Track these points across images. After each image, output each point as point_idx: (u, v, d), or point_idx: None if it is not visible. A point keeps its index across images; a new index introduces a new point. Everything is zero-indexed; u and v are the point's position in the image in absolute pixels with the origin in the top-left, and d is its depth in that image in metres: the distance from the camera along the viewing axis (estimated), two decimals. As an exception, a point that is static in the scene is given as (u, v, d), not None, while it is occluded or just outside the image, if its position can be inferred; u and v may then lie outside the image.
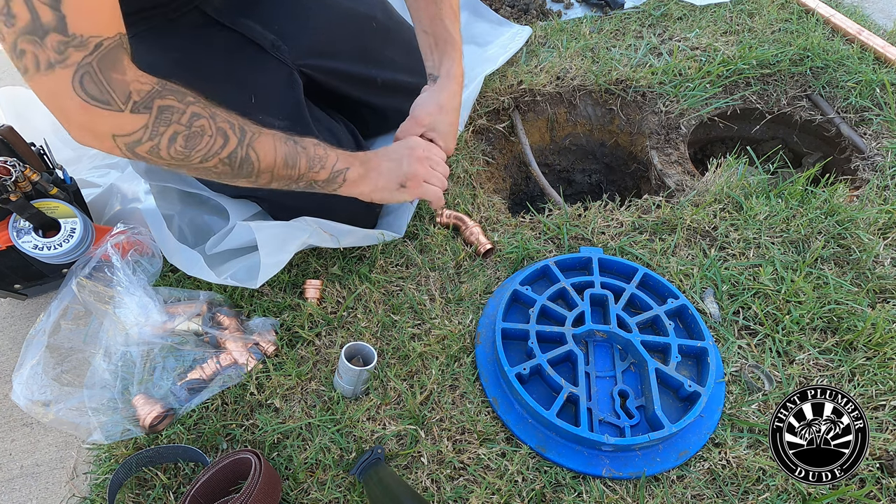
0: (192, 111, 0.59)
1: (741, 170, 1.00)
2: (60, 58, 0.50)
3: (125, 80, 0.54)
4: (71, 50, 0.50)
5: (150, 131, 0.56)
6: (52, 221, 0.82)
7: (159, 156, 0.59)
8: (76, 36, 0.49)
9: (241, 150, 0.63)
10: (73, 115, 0.53)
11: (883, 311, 0.78)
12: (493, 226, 0.94)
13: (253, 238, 0.79)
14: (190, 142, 0.59)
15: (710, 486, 0.65)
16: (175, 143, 0.58)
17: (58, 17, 0.48)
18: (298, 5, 0.88)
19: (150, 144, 0.57)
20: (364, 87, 0.96)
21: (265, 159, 0.66)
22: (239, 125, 0.63)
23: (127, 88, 0.54)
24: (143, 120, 0.56)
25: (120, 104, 0.54)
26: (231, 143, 0.62)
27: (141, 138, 0.56)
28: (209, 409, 0.73)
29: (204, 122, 0.60)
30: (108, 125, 0.54)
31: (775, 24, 1.27)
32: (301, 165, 0.70)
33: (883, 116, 1.07)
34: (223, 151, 0.62)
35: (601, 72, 1.19)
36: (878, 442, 0.67)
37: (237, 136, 0.63)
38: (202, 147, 0.60)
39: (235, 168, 0.64)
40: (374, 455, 0.65)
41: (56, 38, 0.49)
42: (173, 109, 0.57)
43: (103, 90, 0.52)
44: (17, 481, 0.77)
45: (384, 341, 0.79)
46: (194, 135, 0.59)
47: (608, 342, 0.77)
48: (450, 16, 0.83)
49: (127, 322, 0.76)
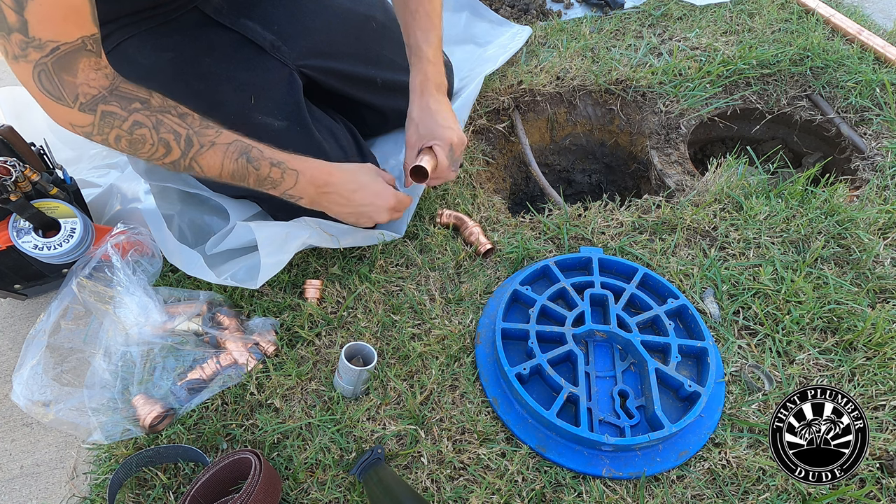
0: (133, 119, 0.63)
1: (741, 170, 1.00)
2: (23, 54, 0.57)
3: (75, 82, 0.60)
4: (31, 49, 0.57)
5: (98, 129, 0.63)
6: (52, 221, 0.82)
7: (110, 146, 0.65)
8: (35, 38, 0.56)
9: (184, 161, 0.68)
10: (38, 100, 0.61)
11: (883, 311, 0.78)
12: (493, 226, 0.94)
13: (253, 238, 0.79)
14: (132, 145, 0.65)
15: (710, 486, 0.65)
16: (120, 143, 0.65)
17: (21, 20, 0.55)
18: (298, 6, 0.88)
19: (100, 138, 0.64)
20: (364, 87, 0.96)
21: (210, 171, 0.70)
22: (187, 135, 0.67)
23: (75, 90, 0.60)
24: (90, 119, 0.62)
25: (69, 102, 0.60)
26: (173, 154, 0.67)
27: (91, 132, 0.63)
28: (209, 409, 0.73)
29: (144, 132, 0.64)
30: (63, 116, 0.62)
31: (775, 24, 1.27)
32: (249, 182, 0.73)
33: (883, 116, 1.07)
34: (165, 159, 0.67)
35: (601, 72, 1.19)
36: (878, 442, 0.67)
37: (181, 149, 0.67)
38: (145, 151, 0.66)
39: (180, 170, 0.69)
40: (374, 455, 0.65)
41: (18, 37, 0.56)
42: (115, 115, 0.63)
43: (56, 88, 0.59)
44: (17, 481, 0.77)
45: (384, 341, 0.79)
46: (135, 141, 0.65)
47: (608, 342, 0.77)
48: (423, 26, 0.84)
49: (127, 322, 0.76)
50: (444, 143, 0.84)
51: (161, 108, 0.65)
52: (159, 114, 0.65)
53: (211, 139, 0.68)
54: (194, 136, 0.67)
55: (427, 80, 0.86)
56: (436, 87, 0.86)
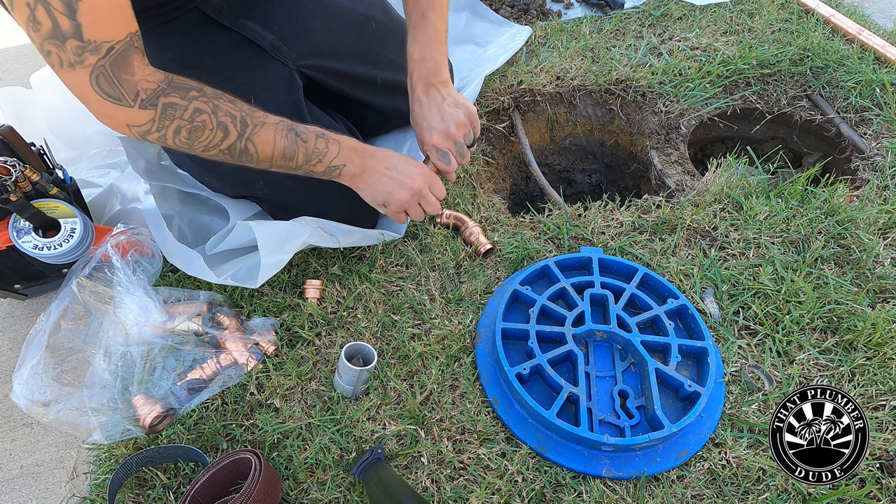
0: (194, 107, 0.64)
1: (741, 170, 1.00)
2: (79, 59, 0.57)
3: (134, 80, 0.60)
4: (87, 54, 0.57)
5: (157, 124, 0.63)
6: (52, 221, 0.82)
7: (167, 143, 0.66)
8: (90, 41, 0.56)
9: (241, 143, 0.68)
10: (94, 106, 0.61)
11: (883, 311, 0.78)
12: (493, 226, 0.94)
13: (253, 238, 0.79)
14: (192, 135, 0.65)
15: (710, 486, 0.65)
16: (179, 135, 0.65)
17: (74, 25, 0.55)
18: (298, 6, 0.88)
19: (157, 134, 0.64)
20: (364, 87, 0.96)
21: (263, 152, 0.70)
22: (241, 117, 0.68)
23: (135, 88, 0.60)
24: (151, 115, 0.62)
25: (130, 101, 0.60)
26: (231, 137, 0.67)
27: (150, 129, 0.63)
28: (209, 409, 0.73)
29: (205, 118, 0.65)
30: (122, 117, 0.62)
31: (775, 24, 1.27)
32: (299, 158, 0.73)
33: (883, 116, 1.07)
34: (223, 144, 0.67)
35: (601, 72, 1.18)
36: (878, 442, 0.67)
37: (237, 130, 0.68)
38: (203, 139, 0.66)
39: (235, 157, 0.70)
40: (374, 455, 0.65)
41: (74, 43, 0.56)
42: (176, 106, 0.63)
43: (115, 89, 0.59)
44: (17, 481, 0.77)
45: (384, 341, 0.79)
46: (196, 129, 0.65)
47: (608, 342, 0.77)
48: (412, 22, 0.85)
49: (127, 322, 0.76)
50: (430, 147, 0.83)
51: (214, 94, 0.66)
52: (215, 99, 0.66)
53: (261, 119, 0.69)
54: (247, 117, 0.68)
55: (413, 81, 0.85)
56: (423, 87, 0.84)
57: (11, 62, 1.62)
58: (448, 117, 0.82)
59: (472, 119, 0.85)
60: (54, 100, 1.12)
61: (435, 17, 0.84)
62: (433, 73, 0.84)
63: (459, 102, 0.84)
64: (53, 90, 1.13)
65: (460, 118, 0.83)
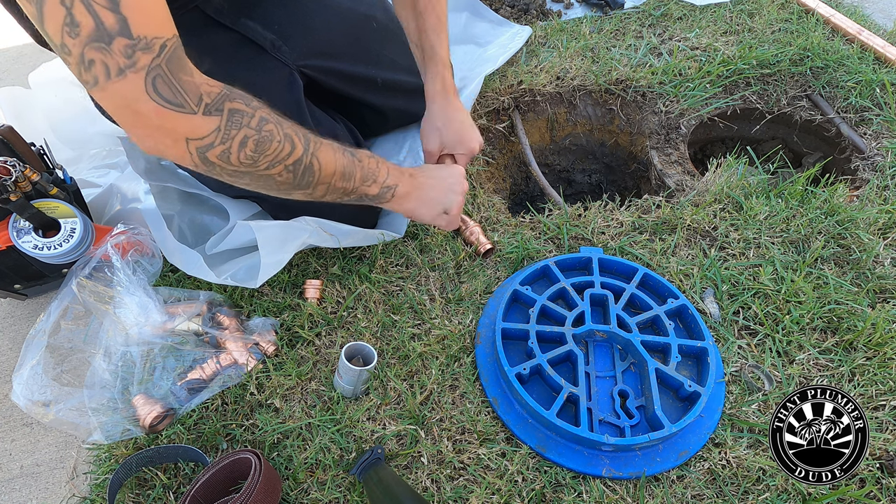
0: (260, 115, 0.58)
1: (741, 170, 1.00)
2: (130, 62, 0.48)
3: (195, 81, 0.53)
4: (139, 53, 0.48)
5: (223, 135, 0.55)
6: (52, 221, 0.82)
7: (229, 161, 0.58)
8: (141, 38, 0.48)
9: (306, 158, 0.63)
10: (150, 119, 0.51)
11: (883, 311, 0.78)
12: (493, 226, 0.94)
13: (253, 238, 0.79)
14: (259, 146, 0.58)
15: (710, 486, 0.65)
16: (245, 148, 0.57)
17: (120, 19, 0.47)
18: (299, 6, 0.88)
19: (221, 148, 0.56)
20: (364, 87, 0.96)
21: (326, 169, 0.65)
22: (303, 133, 0.63)
23: (198, 90, 0.53)
24: (216, 122, 0.55)
25: (193, 106, 0.53)
26: (297, 150, 0.62)
27: (213, 142, 0.55)
28: (209, 409, 0.73)
29: (272, 127, 0.59)
30: (183, 128, 0.53)
31: (775, 24, 1.27)
32: (356, 178, 0.70)
33: (883, 116, 1.07)
34: (289, 158, 0.61)
35: (601, 72, 1.18)
36: (878, 442, 0.67)
37: (303, 144, 0.62)
38: (270, 153, 0.59)
39: (298, 176, 0.63)
40: (374, 455, 0.65)
41: (122, 42, 0.47)
42: (243, 113, 0.57)
43: (176, 92, 0.51)
44: (17, 481, 0.77)
45: (384, 341, 0.79)
46: (264, 139, 0.58)
47: (608, 342, 0.77)
48: (435, 28, 0.84)
49: (127, 322, 0.76)
50: (468, 153, 0.87)
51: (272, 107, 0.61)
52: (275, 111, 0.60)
53: (318, 137, 0.65)
54: (308, 132, 0.63)
55: (446, 85, 0.87)
56: (454, 92, 0.87)
57: (11, 62, 1.62)
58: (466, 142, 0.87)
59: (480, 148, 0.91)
60: (54, 100, 1.12)
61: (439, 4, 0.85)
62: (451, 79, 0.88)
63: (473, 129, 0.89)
64: (53, 90, 1.13)
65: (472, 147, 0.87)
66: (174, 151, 0.55)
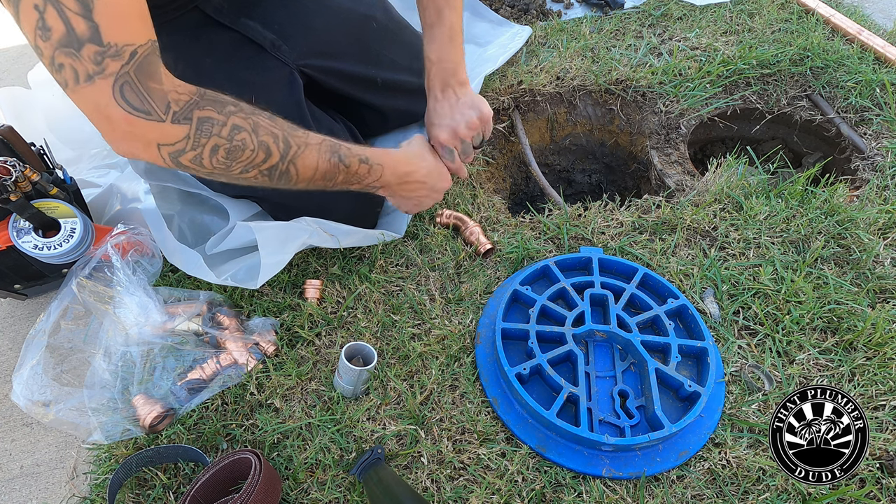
0: (232, 123, 0.58)
1: (741, 170, 1.00)
2: (98, 69, 0.49)
3: (163, 89, 0.53)
4: (108, 60, 0.49)
5: (192, 142, 0.56)
6: (52, 221, 0.82)
7: (202, 165, 0.58)
8: (111, 45, 0.48)
9: (282, 165, 0.63)
10: (120, 125, 0.52)
11: (883, 311, 0.78)
12: (493, 226, 0.94)
13: (253, 238, 0.79)
14: (231, 154, 0.58)
15: (710, 486, 0.65)
16: (217, 155, 0.58)
17: (91, 27, 0.47)
18: (299, 5, 0.88)
19: (192, 154, 0.56)
20: (364, 87, 0.96)
21: (304, 174, 0.66)
22: (283, 137, 0.62)
23: (166, 98, 0.53)
24: (185, 130, 0.55)
25: (160, 114, 0.53)
26: (273, 158, 0.62)
27: (184, 148, 0.56)
28: (209, 409, 0.73)
29: (245, 136, 0.59)
30: (152, 134, 0.53)
31: (775, 24, 1.27)
32: (338, 179, 0.70)
33: (883, 116, 1.07)
34: (264, 165, 0.62)
35: (601, 72, 1.18)
36: (878, 442, 0.67)
37: (280, 151, 0.62)
38: (244, 159, 0.60)
39: (274, 180, 0.64)
40: (374, 455, 0.65)
41: (92, 48, 0.48)
42: (213, 121, 0.56)
43: (143, 100, 0.51)
44: (17, 481, 0.77)
45: (384, 341, 0.79)
46: (235, 148, 0.58)
47: (608, 342, 0.77)
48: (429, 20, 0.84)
49: (127, 322, 0.76)
50: (436, 143, 0.86)
51: (252, 111, 0.60)
52: (253, 116, 0.60)
53: (303, 140, 0.64)
54: (289, 136, 0.63)
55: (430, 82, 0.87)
56: (441, 87, 0.87)
57: (11, 62, 1.62)
58: (459, 117, 0.84)
59: (485, 122, 0.88)
60: (54, 100, 1.12)
61: (451, 15, 0.82)
62: (451, 74, 0.85)
63: (475, 104, 0.86)
64: (53, 90, 1.13)
65: (472, 120, 0.85)
66: (146, 155, 0.55)
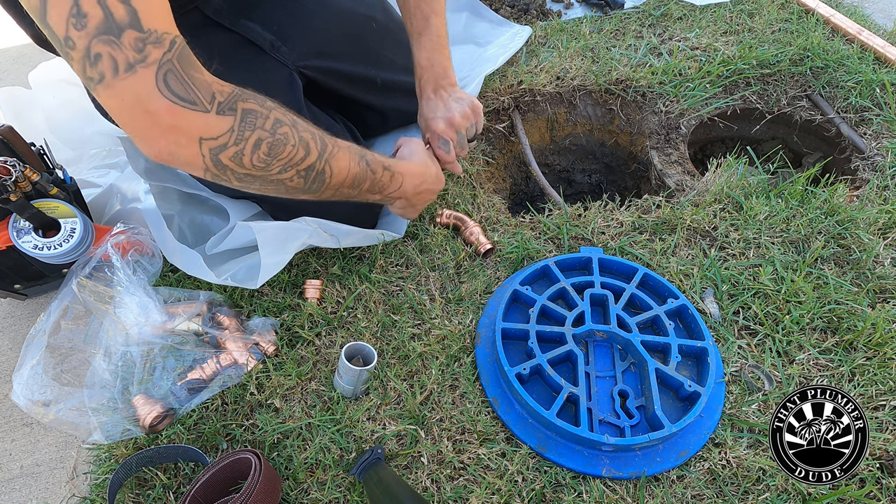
0: (275, 117, 0.56)
1: (741, 170, 1.00)
2: (140, 56, 0.45)
3: (206, 79, 0.51)
4: (150, 47, 0.46)
5: (236, 135, 0.53)
6: (52, 221, 0.82)
7: (241, 163, 0.56)
8: (152, 31, 0.46)
9: (320, 164, 0.61)
10: (162, 118, 0.49)
11: (883, 311, 0.78)
12: (493, 226, 0.94)
13: (253, 238, 0.79)
14: (273, 149, 0.56)
15: (710, 486, 0.65)
16: (259, 151, 0.55)
17: (130, 11, 0.44)
18: (298, 6, 0.88)
19: (234, 150, 0.54)
20: (364, 87, 0.96)
21: (338, 176, 0.64)
22: (319, 136, 0.61)
23: (210, 88, 0.51)
24: (230, 122, 0.52)
25: (206, 104, 0.50)
26: (312, 155, 0.60)
27: (227, 142, 0.53)
28: (209, 409, 0.73)
29: (287, 130, 0.57)
30: (196, 127, 0.51)
31: (775, 24, 1.27)
32: (364, 188, 0.70)
33: (883, 116, 1.07)
34: (303, 163, 0.60)
35: (601, 72, 1.19)
36: (878, 442, 0.67)
37: (318, 149, 0.61)
38: (284, 156, 0.58)
39: (308, 182, 0.62)
40: (374, 455, 0.65)
41: (133, 34, 0.45)
42: (257, 113, 0.55)
43: (188, 89, 0.49)
44: (17, 481, 0.77)
45: (384, 341, 0.79)
46: (278, 142, 0.56)
47: (608, 342, 0.77)
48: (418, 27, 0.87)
49: (127, 322, 0.76)
50: (432, 134, 0.88)
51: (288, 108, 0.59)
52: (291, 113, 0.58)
53: (335, 140, 0.63)
54: (323, 135, 0.61)
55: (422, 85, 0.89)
56: (433, 88, 0.89)
57: (11, 62, 1.62)
58: (454, 106, 0.87)
59: (477, 112, 0.90)
60: (54, 100, 1.12)
61: (437, 22, 0.86)
62: (441, 77, 0.88)
63: (464, 98, 0.89)
64: (53, 90, 1.13)
65: (465, 110, 0.88)
66: (187, 153, 0.52)
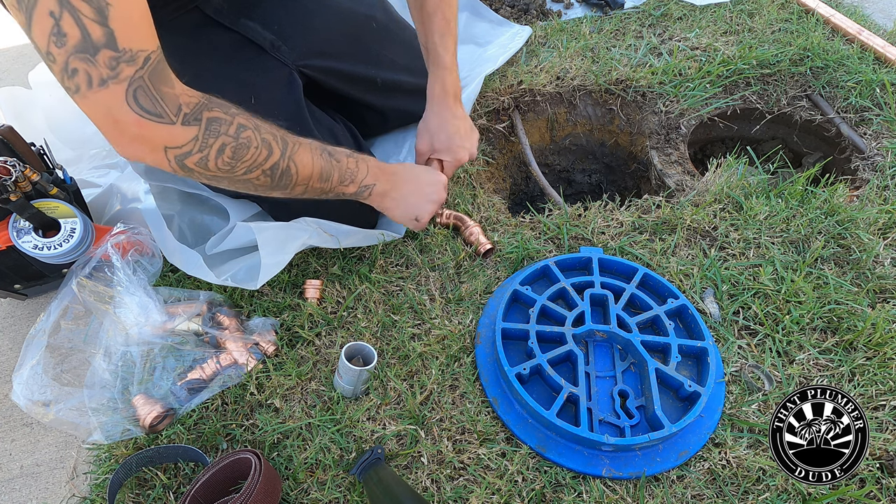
0: (238, 122, 0.60)
1: (741, 170, 1.00)
2: (113, 73, 0.50)
3: (175, 93, 0.54)
4: (122, 65, 0.50)
5: (200, 143, 0.57)
6: (52, 221, 0.82)
7: (206, 167, 0.59)
8: (126, 50, 0.50)
9: (283, 162, 0.65)
10: (129, 128, 0.53)
11: (883, 311, 0.78)
12: (493, 226, 0.94)
13: (253, 238, 0.79)
14: (237, 153, 0.60)
15: (710, 486, 0.65)
16: (223, 155, 0.59)
17: (107, 32, 0.48)
18: (298, 5, 0.88)
19: (199, 156, 0.58)
20: (364, 87, 0.96)
21: (303, 171, 0.67)
22: (281, 136, 0.65)
23: (177, 101, 0.55)
24: (194, 132, 0.56)
25: (172, 116, 0.54)
26: (274, 155, 0.63)
27: (191, 150, 0.57)
28: (209, 409, 0.73)
29: (249, 134, 0.61)
30: (160, 137, 0.55)
31: (775, 24, 1.27)
32: (333, 179, 0.71)
33: (883, 116, 1.07)
34: (266, 163, 0.63)
35: (601, 72, 1.18)
36: (878, 442, 0.67)
37: (280, 148, 0.64)
38: (248, 158, 0.61)
39: (275, 180, 0.65)
40: (374, 455, 0.65)
41: (108, 53, 0.49)
42: (221, 121, 0.58)
43: (156, 103, 0.53)
44: (17, 481, 0.77)
45: (384, 341, 0.79)
46: (241, 146, 0.60)
47: (608, 342, 0.77)
48: (441, 28, 0.85)
49: (127, 322, 0.76)
50: (455, 162, 0.87)
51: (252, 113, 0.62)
52: (254, 117, 0.62)
53: (296, 138, 0.66)
54: (285, 135, 0.65)
55: (445, 90, 0.87)
56: (454, 97, 0.88)
57: (11, 62, 1.62)
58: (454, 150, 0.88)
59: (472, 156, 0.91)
60: (54, 100, 1.12)
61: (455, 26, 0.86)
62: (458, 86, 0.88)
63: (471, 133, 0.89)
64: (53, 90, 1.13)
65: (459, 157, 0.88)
66: (152, 158, 0.56)
